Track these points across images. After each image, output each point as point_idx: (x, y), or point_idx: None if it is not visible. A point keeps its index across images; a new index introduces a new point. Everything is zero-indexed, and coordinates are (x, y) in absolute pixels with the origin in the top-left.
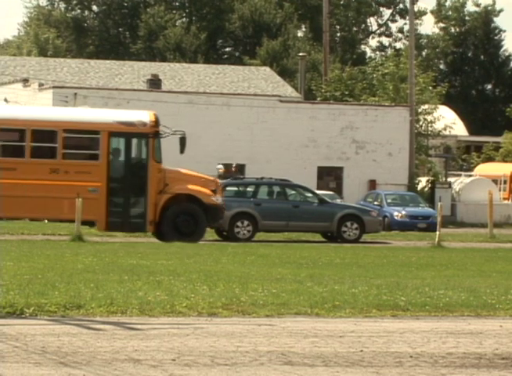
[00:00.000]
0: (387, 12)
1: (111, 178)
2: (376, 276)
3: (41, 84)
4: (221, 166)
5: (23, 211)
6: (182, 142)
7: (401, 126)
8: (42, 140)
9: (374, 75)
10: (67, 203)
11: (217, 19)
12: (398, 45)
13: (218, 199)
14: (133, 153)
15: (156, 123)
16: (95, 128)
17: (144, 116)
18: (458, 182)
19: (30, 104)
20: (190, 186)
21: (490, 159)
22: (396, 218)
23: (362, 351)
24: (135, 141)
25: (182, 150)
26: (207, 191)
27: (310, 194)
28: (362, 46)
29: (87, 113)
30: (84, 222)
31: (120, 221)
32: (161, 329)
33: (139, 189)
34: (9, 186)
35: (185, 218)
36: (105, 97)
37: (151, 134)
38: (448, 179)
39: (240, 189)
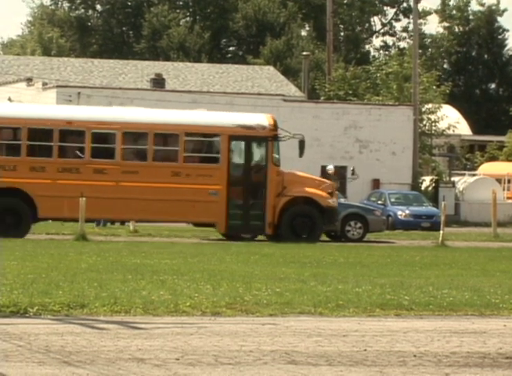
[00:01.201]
0: (391, 12)
1: (231, 181)
2: (380, 276)
3: (44, 84)
4: (331, 167)
5: (144, 213)
6: (301, 145)
7: (404, 125)
8: (164, 143)
9: (378, 74)
10: (189, 205)
11: (220, 18)
12: (402, 44)
13: (334, 201)
14: (252, 157)
15: (275, 126)
16: (216, 131)
17: (263, 119)
18: (462, 181)
19: (33, 103)
20: (308, 189)
21: (494, 158)
22: (400, 217)
23: (365, 350)
24: (254, 144)
25: (300, 154)
26: (324, 194)
27: None
28: (366, 45)
29: (207, 117)
30: (203, 224)
31: (240, 223)
32: (165, 328)
33: (258, 192)
34: (132, 189)
35: (302, 220)
36: (109, 96)
37: (270, 137)
38: (452, 179)
39: None
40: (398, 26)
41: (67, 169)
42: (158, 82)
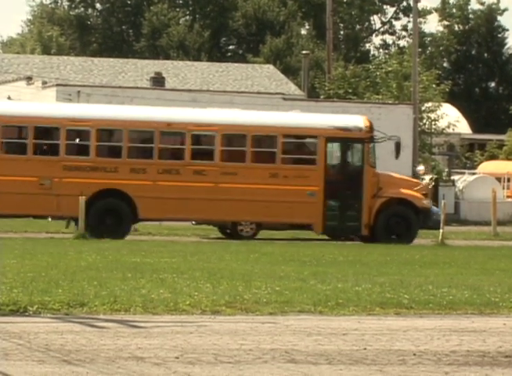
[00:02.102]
0: (390, 10)
1: (328, 183)
2: (380, 274)
3: (44, 82)
4: (421, 168)
5: (242, 214)
6: (397, 147)
7: (404, 124)
8: (262, 145)
9: (378, 73)
10: (286, 207)
11: (220, 17)
12: (402, 43)
13: (428, 202)
14: (349, 158)
15: (371, 128)
16: (313, 133)
17: (359, 121)
18: (461, 180)
19: (33, 102)
20: (403, 190)
21: (493, 157)
22: None
23: (365, 349)
24: (350, 146)
25: (397, 156)
26: (419, 195)
27: None
28: (366, 44)
29: (304, 119)
30: (299, 226)
31: (337, 224)
32: (164, 327)
33: (355, 194)
34: (230, 191)
35: (397, 221)
36: (108, 95)
37: (366, 139)
38: (452, 177)
39: None
40: (397, 24)
41: (167, 171)
42: (158, 81)
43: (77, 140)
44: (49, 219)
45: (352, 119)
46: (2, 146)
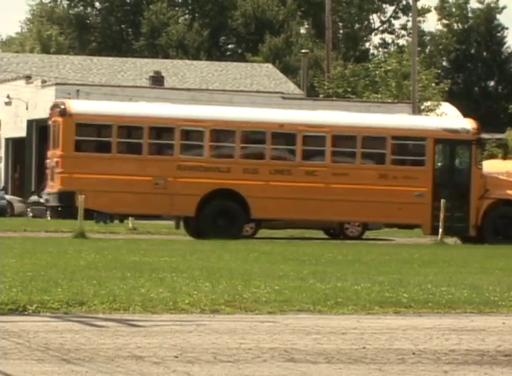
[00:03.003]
0: (389, 9)
1: (436, 184)
2: (379, 273)
3: (43, 81)
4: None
5: (351, 215)
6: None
7: None
8: (371, 146)
9: (377, 72)
10: (395, 207)
11: (219, 16)
12: (401, 41)
13: None
14: (457, 160)
15: (479, 130)
16: (422, 134)
17: (467, 123)
18: None
19: (32, 101)
20: (510, 192)
21: (493, 156)
22: None
23: (364, 348)
24: (458, 147)
25: (504, 157)
26: None
27: None
28: (365, 43)
29: (413, 121)
30: (406, 226)
31: (445, 225)
32: (164, 326)
33: (462, 195)
34: (340, 191)
35: (503, 222)
36: (107, 94)
37: (474, 141)
38: None
39: None
40: (397, 23)
41: (279, 171)
42: (157, 80)
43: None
44: (48, 218)
45: (460, 121)
46: (118, 146)
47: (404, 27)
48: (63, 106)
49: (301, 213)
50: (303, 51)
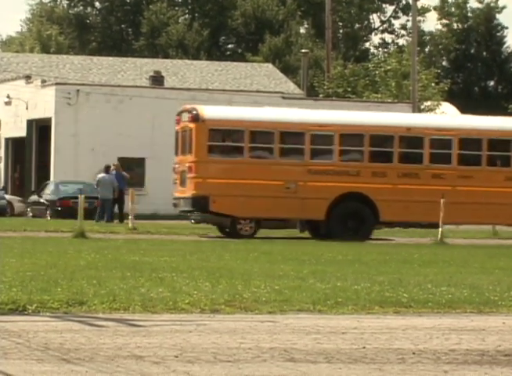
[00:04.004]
0: (389, 9)
1: None
2: (379, 273)
3: (43, 81)
4: None
5: (476, 217)
6: None
7: None
8: (498, 149)
9: (377, 72)
10: None
11: (219, 15)
12: (401, 41)
13: None
14: None
15: None
16: None
17: None
18: None
19: (32, 101)
20: None
21: None
22: None
23: (364, 347)
24: None
25: None
26: None
27: None
28: (365, 43)
29: None
30: None
31: None
32: (164, 326)
33: None
34: (466, 194)
35: None
36: (107, 94)
37: None
38: None
39: None
40: (396, 23)
41: (407, 174)
42: (157, 80)
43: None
44: (48, 218)
45: None
46: (249, 151)
47: (404, 27)
48: (195, 112)
49: (428, 216)
50: (303, 51)
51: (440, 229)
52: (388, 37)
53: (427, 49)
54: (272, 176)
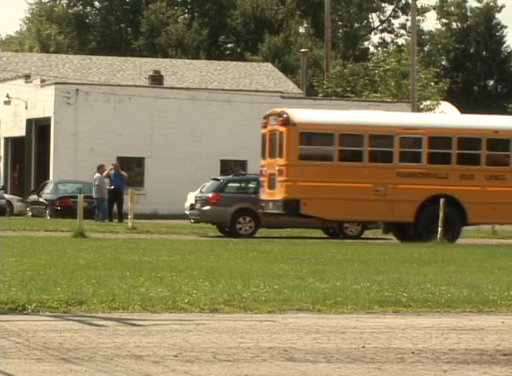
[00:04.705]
0: (389, 8)
1: None
2: (378, 273)
3: (43, 81)
4: None
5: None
6: None
7: None
8: None
9: (376, 71)
10: None
11: (219, 15)
12: (400, 41)
13: None
14: None
15: None
16: None
17: None
18: None
19: (31, 100)
20: None
21: None
22: None
23: (364, 347)
24: None
25: None
26: None
27: None
28: (364, 42)
29: None
30: None
31: None
32: (163, 325)
33: None
34: (501, 194)
35: None
36: (107, 93)
37: None
38: None
39: (242, 185)
40: (396, 23)
41: (495, 177)
42: (156, 79)
43: None
44: (48, 217)
45: None
46: (339, 154)
47: (403, 26)
48: (285, 116)
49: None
50: (302, 50)
51: (439, 229)
52: (388, 37)
53: (426, 49)
54: (362, 179)
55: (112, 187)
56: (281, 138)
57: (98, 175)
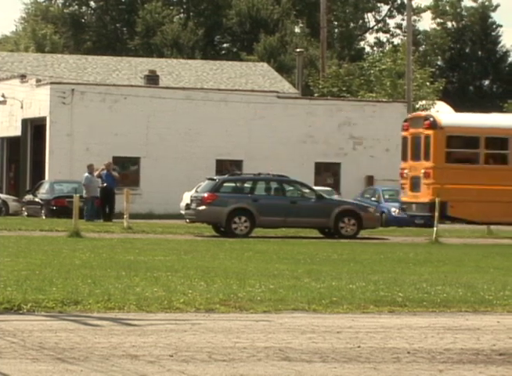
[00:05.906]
0: (384, 8)
1: None
2: (374, 272)
3: (38, 80)
4: None
5: None
6: None
7: (398, 122)
8: None
9: (372, 71)
10: None
11: (214, 15)
12: (396, 40)
13: None
14: None
15: None
16: None
17: None
18: None
19: (27, 100)
20: None
21: None
22: (393, 214)
23: (359, 347)
24: None
25: None
26: None
27: (307, 190)
28: (360, 42)
29: None
30: None
31: None
32: (159, 325)
33: None
34: None
35: None
36: (102, 93)
37: None
38: None
39: (238, 185)
40: (391, 22)
41: None
42: (152, 79)
43: None
44: (43, 217)
45: None
46: (485, 157)
47: (399, 26)
48: (432, 119)
49: None
50: (298, 50)
51: (435, 229)
52: (383, 37)
53: (421, 48)
54: (508, 182)
55: (104, 185)
56: (426, 141)
57: (86, 174)
